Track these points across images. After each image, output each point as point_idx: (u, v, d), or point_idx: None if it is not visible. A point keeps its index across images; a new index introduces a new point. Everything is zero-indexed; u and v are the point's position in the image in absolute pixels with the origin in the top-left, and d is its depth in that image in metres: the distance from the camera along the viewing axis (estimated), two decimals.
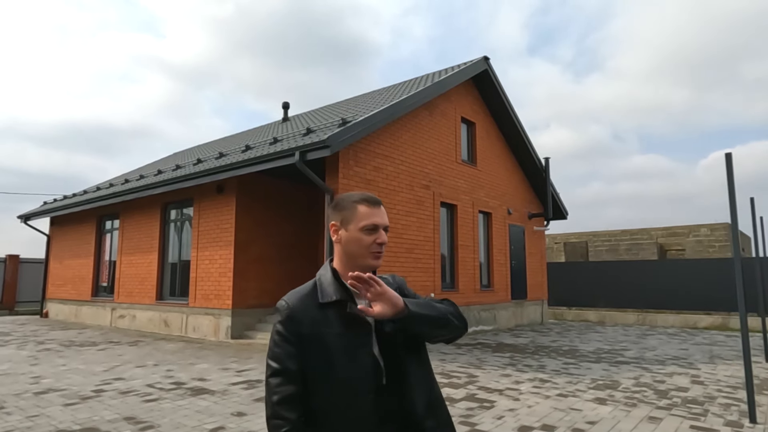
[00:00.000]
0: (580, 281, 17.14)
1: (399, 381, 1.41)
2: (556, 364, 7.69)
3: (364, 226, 1.46)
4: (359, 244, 1.46)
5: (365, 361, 1.38)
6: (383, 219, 1.50)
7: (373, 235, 1.46)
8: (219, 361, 7.62)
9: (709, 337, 11.65)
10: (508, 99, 13.47)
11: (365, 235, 1.46)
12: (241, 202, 10.32)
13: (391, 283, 1.58)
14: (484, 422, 4.55)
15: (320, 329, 1.39)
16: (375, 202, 1.51)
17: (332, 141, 7.90)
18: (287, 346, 1.40)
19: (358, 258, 1.47)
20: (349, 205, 1.50)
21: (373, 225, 1.46)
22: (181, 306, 11.04)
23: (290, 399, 1.36)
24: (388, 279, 1.61)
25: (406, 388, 1.41)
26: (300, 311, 1.42)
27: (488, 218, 13.09)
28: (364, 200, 1.50)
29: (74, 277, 14.87)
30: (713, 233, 19.64)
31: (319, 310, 1.42)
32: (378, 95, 12.78)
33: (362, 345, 1.39)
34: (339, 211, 1.51)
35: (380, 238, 1.47)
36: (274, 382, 1.38)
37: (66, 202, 14.87)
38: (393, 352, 1.42)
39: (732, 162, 5.02)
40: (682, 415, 4.83)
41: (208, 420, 4.54)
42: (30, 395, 5.42)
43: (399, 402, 1.40)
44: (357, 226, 1.46)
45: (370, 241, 1.46)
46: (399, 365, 1.42)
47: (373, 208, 1.49)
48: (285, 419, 1.35)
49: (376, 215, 1.49)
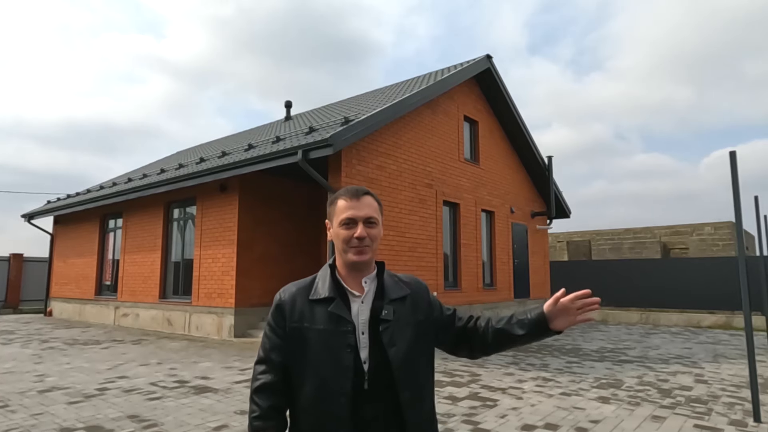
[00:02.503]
0: (582, 280, 17.07)
1: (386, 388, 1.34)
2: (559, 362, 7.67)
3: (341, 220, 1.43)
4: (339, 240, 1.44)
5: (344, 362, 1.33)
6: (362, 211, 1.43)
7: (351, 229, 1.42)
8: (222, 359, 7.64)
9: (713, 335, 11.61)
10: (510, 97, 13.43)
11: (343, 230, 1.43)
12: (244, 200, 10.33)
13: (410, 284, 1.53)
14: (488, 421, 4.54)
15: (304, 324, 1.40)
16: (355, 194, 1.45)
17: (335, 140, 7.89)
18: (274, 337, 1.43)
19: (342, 254, 1.45)
20: (333, 201, 1.50)
21: (347, 219, 1.42)
22: (184, 305, 11.06)
23: (267, 387, 1.40)
24: (412, 281, 1.55)
25: (393, 396, 1.34)
26: (289, 304, 1.44)
27: (491, 217, 13.07)
28: (343, 194, 1.47)
29: (78, 275, 14.92)
30: (717, 232, 19.57)
31: (309, 305, 1.42)
32: (381, 94, 12.76)
33: (343, 345, 1.34)
34: (328, 207, 1.52)
35: (357, 231, 1.41)
36: (257, 369, 1.44)
37: (69, 201, 14.91)
38: (385, 357, 1.35)
39: (736, 160, 4.99)
40: (686, 414, 4.81)
41: (212, 418, 4.54)
42: (34, 393, 5.44)
43: (383, 410, 1.34)
44: (337, 221, 1.45)
45: (347, 235, 1.42)
46: (389, 372, 1.35)
47: (351, 201, 1.44)
48: (257, 406, 1.39)
49: (354, 208, 1.43)
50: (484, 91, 13.16)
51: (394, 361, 1.35)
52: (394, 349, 1.36)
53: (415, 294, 1.50)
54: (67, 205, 14.78)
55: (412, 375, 1.38)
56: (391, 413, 1.34)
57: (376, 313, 1.40)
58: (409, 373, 1.37)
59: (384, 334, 1.37)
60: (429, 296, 1.54)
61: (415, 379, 1.38)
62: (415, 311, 1.47)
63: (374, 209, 1.46)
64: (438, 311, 1.55)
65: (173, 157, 18.68)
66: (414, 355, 1.40)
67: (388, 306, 1.42)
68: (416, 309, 1.48)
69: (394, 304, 1.43)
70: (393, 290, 1.46)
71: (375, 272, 1.49)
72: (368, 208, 1.45)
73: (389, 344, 1.36)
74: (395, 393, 1.34)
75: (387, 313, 1.40)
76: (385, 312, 1.40)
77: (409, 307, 1.46)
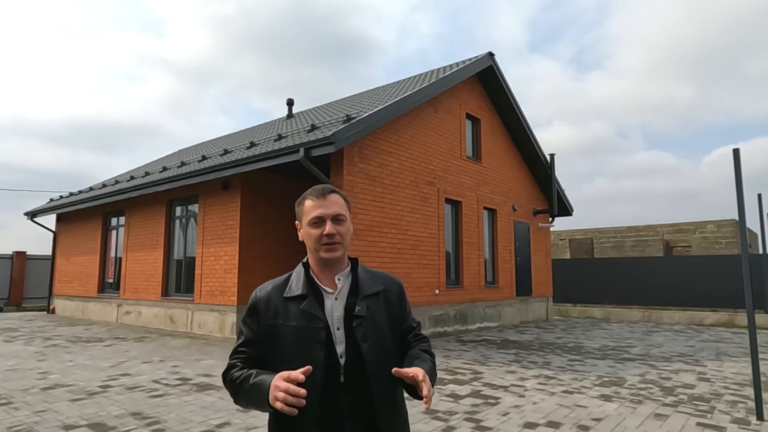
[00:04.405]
0: (585, 278, 17.08)
1: (361, 382, 1.38)
2: (562, 360, 7.67)
3: (309, 220, 1.46)
4: (310, 239, 1.47)
5: (314, 358, 1.35)
6: (329, 209, 1.46)
7: (320, 227, 1.45)
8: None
9: (716, 334, 11.59)
10: (513, 95, 13.39)
11: (312, 229, 1.46)
12: (246, 199, 10.33)
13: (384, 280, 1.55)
14: (490, 418, 4.54)
15: (278, 322, 1.43)
16: (321, 193, 1.48)
17: (337, 137, 7.88)
18: (249, 333, 1.48)
19: (314, 253, 1.48)
20: (300, 201, 1.53)
21: (316, 218, 1.45)
22: (186, 302, 11.08)
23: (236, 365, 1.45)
24: (387, 278, 1.58)
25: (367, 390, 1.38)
26: (263, 303, 1.48)
27: (493, 215, 13.06)
28: (310, 194, 1.50)
29: (80, 273, 14.96)
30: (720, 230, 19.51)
31: (283, 303, 1.45)
32: (383, 91, 12.74)
33: (314, 341, 1.38)
34: (296, 208, 1.54)
35: (326, 229, 1.44)
36: (230, 360, 1.48)
37: (72, 199, 14.94)
38: (359, 352, 1.39)
39: (740, 158, 4.97)
40: (689, 412, 4.81)
41: (214, 416, 4.55)
42: (37, 390, 5.45)
43: (359, 404, 1.38)
44: (306, 220, 1.48)
45: (317, 234, 1.45)
46: (364, 366, 1.39)
47: (318, 200, 1.47)
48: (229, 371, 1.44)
49: (321, 206, 1.46)
50: (486, 88, 13.13)
51: (367, 356, 1.39)
52: (367, 344, 1.40)
53: (389, 290, 1.54)
54: (70, 203, 14.81)
55: (386, 370, 1.39)
56: (366, 406, 1.38)
57: (350, 309, 1.43)
58: (382, 367, 1.40)
59: (357, 329, 1.41)
60: (402, 296, 1.58)
61: (386, 373, 1.39)
62: (389, 307, 1.51)
63: (341, 206, 1.49)
64: (403, 315, 1.57)
65: (175, 155, 18.69)
66: (387, 350, 1.45)
67: (362, 302, 1.45)
68: (389, 305, 1.52)
69: (368, 299, 1.46)
70: (367, 286, 1.49)
71: (348, 269, 1.52)
72: (335, 205, 1.47)
73: (362, 339, 1.40)
74: (368, 387, 1.38)
75: (360, 309, 1.43)
76: (358, 308, 1.43)
77: (383, 303, 1.50)
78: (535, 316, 14.55)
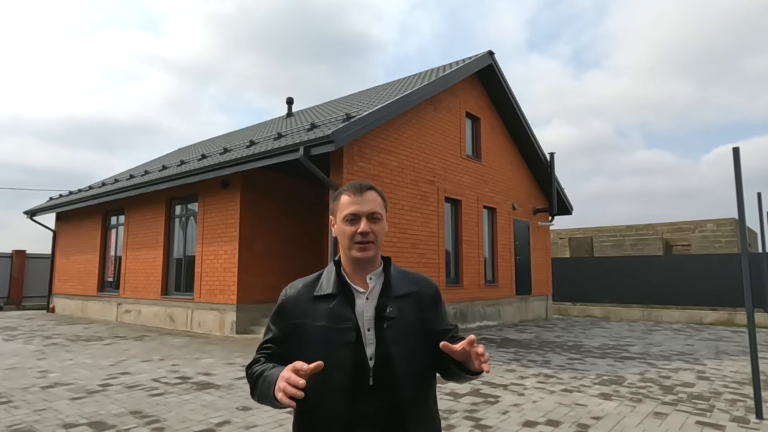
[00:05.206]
0: (584, 277, 17.09)
1: (390, 385, 1.34)
2: (561, 359, 7.67)
3: (344, 216, 1.42)
4: (343, 236, 1.43)
5: (341, 359, 1.32)
6: (366, 206, 1.41)
7: (354, 224, 1.40)
8: (224, 355, 7.65)
9: (715, 332, 11.60)
10: (513, 94, 13.39)
11: (347, 226, 1.41)
12: (246, 197, 10.33)
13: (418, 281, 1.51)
14: (489, 417, 4.55)
15: (306, 321, 1.40)
16: (358, 189, 1.44)
17: (336, 136, 7.87)
18: (276, 330, 1.46)
19: (346, 250, 1.44)
20: (337, 196, 1.48)
21: (351, 214, 1.41)
22: (186, 301, 11.08)
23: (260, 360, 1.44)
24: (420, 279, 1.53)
25: (395, 393, 1.33)
26: (292, 301, 1.45)
27: (493, 213, 13.06)
28: (346, 190, 1.46)
29: (80, 272, 14.96)
30: (719, 228, 19.52)
31: (311, 302, 1.42)
32: (382, 90, 12.74)
33: (342, 342, 1.34)
34: (332, 203, 1.51)
35: (360, 227, 1.39)
36: (258, 351, 1.47)
37: (71, 198, 14.93)
38: (388, 354, 1.34)
39: (739, 157, 4.97)
40: (688, 410, 4.81)
41: (214, 414, 4.55)
42: (37, 389, 5.45)
43: (386, 407, 1.33)
44: (341, 216, 1.43)
45: (351, 231, 1.40)
46: (393, 369, 1.34)
47: (354, 196, 1.42)
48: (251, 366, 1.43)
49: (357, 203, 1.41)
50: (486, 87, 13.12)
51: (396, 358, 1.34)
52: (397, 347, 1.36)
53: (421, 292, 1.48)
54: (69, 201, 14.80)
55: (415, 373, 1.37)
56: (394, 410, 1.33)
57: (381, 309, 1.39)
58: (411, 370, 1.36)
59: (387, 331, 1.36)
60: (437, 298, 1.52)
61: (417, 376, 1.37)
62: (421, 309, 1.45)
63: (378, 204, 1.44)
64: (437, 318, 1.50)
65: (175, 153, 18.68)
66: (418, 354, 1.39)
67: (393, 303, 1.40)
68: (422, 307, 1.46)
69: (399, 301, 1.41)
70: (399, 287, 1.44)
71: (381, 268, 1.47)
72: (372, 203, 1.43)
73: (392, 341, 1.36)
74: (397, 390, 1.34)
75: (391, 310, 1.39)
76: (390, 309, 1.39)
77: (415, 305, 1.44)
78: (534, 315, 14.56)
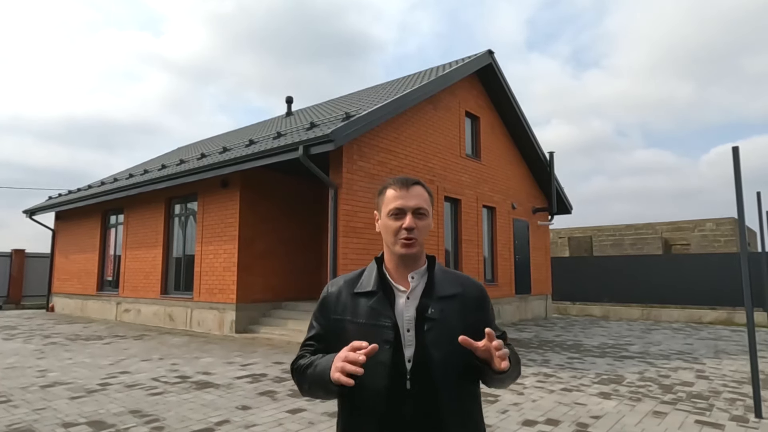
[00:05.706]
0: (584, 276, 17.09)
1: (429, 389, 1.28)
2: (560, 358, 7.68)
3: (389, 211, 1.37)
4: (386, 231, 1.39)
5: (379, 358, 1.25)
6: (411, 201, 1.36)
7: (399, 219, 1.35)
8: (224, 355, 7.65)
9: (714, 332, 11.60)
10: (512, 93, 13.38)
11: (391, 221, 1.37)
12: (246, 196, 10.32)
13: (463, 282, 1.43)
14: (489, 416, 4.55)
15: (346, 317, 1.38)
16: (405, 183, 1.39)
17: (336, 135, 7.87)
18: (317, 326, 1.45)
19: (390, 246, 1.39)
20: (382, 191, 1.44)
21: (396, 209, 1.36)
22: (185, 300, 11.08)
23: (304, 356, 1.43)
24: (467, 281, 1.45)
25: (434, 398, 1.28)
26: (333, 297, 1.43)
27: (492, 213, 13.06)
28: (392, 184, 1.41)
29: (79, 271, 14.95)
30: (719, 228, 19.54)
31: (352, 298, 1.39)
32: (382, 89, 12.73)
33: (380, 341, 1.27)
34: (377, 198, 1.46)
35: (405, 222, 1.34)
36: (301, 348, 1.47)
37: (71, 197, 14.92)
38: (428, 357, 1.29)
39: (739, 156, 4.98)
40: (687, 409, 4.82)
41: (213, 413, 4.56)
42: (36, 388, 5.45)
43: (424, 411, 1.27)
44: (385, 211, 1.39)
45: (395, 227, 1.36)
46: (432, 373, 1.28)
47: (400, 191, 1.38)
48: (297, 361, 1.43)
49: (403, 197, 1.36)
50: (485, 86, 13.11)
51: (435, 362, 1.29)
52: (438, 350, 1.29)
53: (467, 294, 1.41)
54: (69, 200, 14.79)
55: (456, 378, 1.30)
56: (433, 417, 1.28)
57: (422, 310, 1.33)
58: (451, 376, 1.30)
59: (428, 333, 1.30)
60: (483, 301, 1.43)
61: (458, 382, 1.31)
62: (466, 312, 1.37)
63: (424, 200, 1.40)
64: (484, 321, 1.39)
65: (174, 152, 18.66)
66: (460, 358, 1.30)
67: (436, 304, 1.34)
68: (466, 310, 1.38)
69: (442, 302, 1.35)
70: (443, 287, 1.38)
71: (425, 267, 1.42)
72: (418, 198, 1.38)
73: (432, 344, 1.30)
74: (436, 397, 1.28)
75: (433, 311, 1.32)
76: (431, 310, 1.33)
77: (459, 307, 1.37)
78: (534, 314, 14.56)
